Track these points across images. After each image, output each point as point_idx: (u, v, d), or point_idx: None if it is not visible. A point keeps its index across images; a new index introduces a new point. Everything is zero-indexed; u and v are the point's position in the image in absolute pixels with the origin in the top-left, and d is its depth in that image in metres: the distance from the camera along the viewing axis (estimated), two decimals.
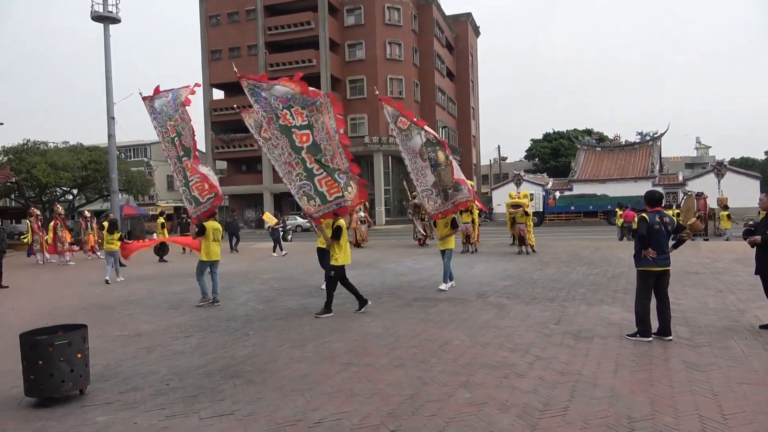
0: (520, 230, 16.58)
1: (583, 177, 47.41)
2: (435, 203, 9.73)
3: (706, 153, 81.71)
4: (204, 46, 49.50)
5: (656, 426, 3.74)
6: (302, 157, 7.96)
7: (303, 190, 8.11)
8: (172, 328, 7.42)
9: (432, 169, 9.55)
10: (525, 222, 16.63)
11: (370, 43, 46.68)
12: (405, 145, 9.65)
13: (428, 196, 9.75)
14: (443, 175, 9.52)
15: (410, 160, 9.69)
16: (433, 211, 9.86)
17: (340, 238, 8.07)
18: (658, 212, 6.00)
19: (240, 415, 4.18)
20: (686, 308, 7.55)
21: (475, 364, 5.28)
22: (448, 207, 9.69)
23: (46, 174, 29.19)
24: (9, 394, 4.84)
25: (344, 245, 8.13)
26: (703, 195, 22.52)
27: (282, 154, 8.05)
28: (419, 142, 9.50)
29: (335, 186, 8.02)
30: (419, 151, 9.54)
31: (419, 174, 9.71)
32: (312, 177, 8.02)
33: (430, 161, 9.54)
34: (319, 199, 8.08)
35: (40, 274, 15.11)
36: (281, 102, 7.82)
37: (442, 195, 9.65)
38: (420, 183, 9.76)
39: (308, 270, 13.52)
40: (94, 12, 25.04)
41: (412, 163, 9.70)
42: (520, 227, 16.59)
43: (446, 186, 9.58)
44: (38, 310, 9.19)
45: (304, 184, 8.07)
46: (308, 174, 8.02)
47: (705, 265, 12.33)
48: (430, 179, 9.62)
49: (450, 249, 9.93)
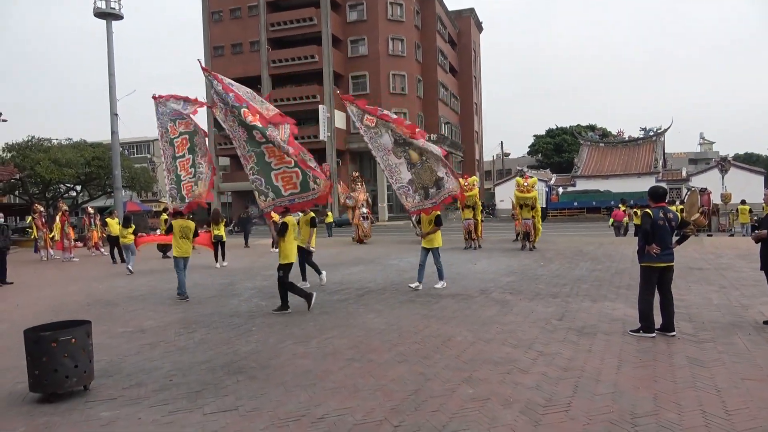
0: (527, 226, 15.80)
1: (586, 173, 47.27)
2: (413, 200, 9.48)
3: (710, 148, 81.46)
4: (206, 43, 49.46)
5: (659, 422, 3.74)
6: (260, 150, 7.93)
7: (255, 184, 8.12)
8: (175, 324, 7.44)
9: (408, 167, 9.33)
10: (531, 216, 15.79)
11: (373, 38, 46.57)
12: (374, 143, 9.38)
13: (405, 194, 9.47)
14: (422, 173, 9.27)
15: (381, 157, 9.43)
16: (411, 208, 9.57)
17: (285, 236, 7.92)
18: (662, 208, 5.98)
19: (243, 410, 4.20)
20: (690, 304, 7.53)
21: (478, 359, 5.28)
22: (427, 205, 9.40)
23: (49, 171, 29.28)
24: (14, 389, 4.87)
25: (290, 243, 7.99)
26: (706, 191, 22.47)
27: (238, 147, 8.12)
28: (389, 141, 9.28)
29: (291, 183, 8.03)
30: (391, 149, 9.30)
31: (393, 171, 9.44)
32: (268, 171, 8.01)
33: (405, 159, 9.35)
34: (273, 194, 8.08)
35: (44, 271, 15.16)
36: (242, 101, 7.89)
37: (422, 193, 9.41)
38: (395, 180, 9.49)
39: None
40: (96, 9, 25.05)
41: (384, 161, 9.43)
42: (527, 223, 15.80)
43: (426, 185, 9.33)
44: (42, 306, 9.22)
45: (256, 178, 8.07)
46: (262, 168, 8.02)
47: (709, 260, 12.29)
48: (406, 176, 9.37)
49: (437, 247, 9.60)
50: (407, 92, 48.05)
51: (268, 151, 7.93)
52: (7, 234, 13.20)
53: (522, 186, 15.88)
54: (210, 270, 13.32)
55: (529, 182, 15.98)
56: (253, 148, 7.98)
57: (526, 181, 16.00)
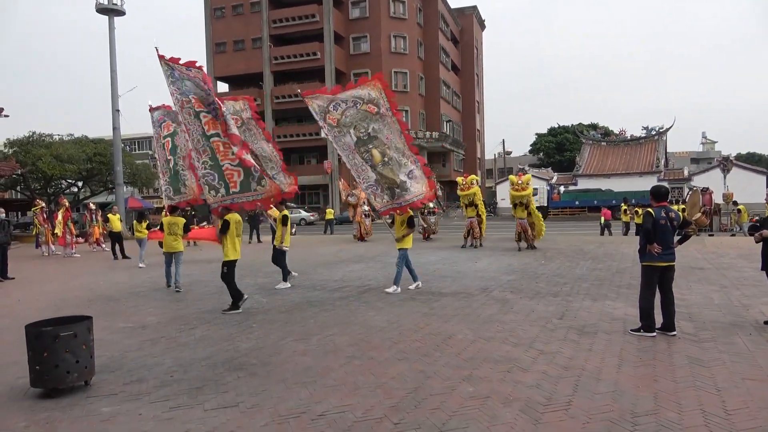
0: (521, 225, 15.63)
1: (587, 172, 47.21)
2: (382, 200, 9.18)
3: (711, 148, 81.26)
4: (208, 39, 49.44)
5: (659, 421, 3.74)
6: (211, 145, 7.81)
7: (206, 179, 7.96)
8: (176, 320, 7.45)
9: (372, 168, 9.03)
10: (524, 217, 15.68)
11: (375, 36, 46.53)
12: (339, 142, 8.99)
13: (374, 193, 9.18)
14: (385, 173, 8.97)
15: (347, 156, 9.07)
16: (382, 208, 9.27)
17: (227, 233, 7.84)
18: (663, 207, 5.97)
19: (244, 407, 4.20)
20: (691, 304, 7.52)
21: (479, 358, 5.29)
22: (395, 205, 9.13)
23: (51, 166, 29.29)
24: (15, 384, 4.88)
25: (232, 240, 7.91)
26: (708, 190, 22.42)
27: (192, 140, 7.94)
28: (351, 140, 8.94)
29: (232, 181, 7.96)
30: (354, 148, 8.97)
31: (360, 171, 9.09)
32: (219, 167, 7.88)
33: (367, 162, 9.00)
34: (224, 190, 7.96)
35: (46, 266, 15.19)
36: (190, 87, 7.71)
37: (389, 192, 9.09)
38: (362, 180, 9.16)
39: (312, 264, 13.56)
40: (98, 4, 25.06)
41: (349, 160, 9.06)
42: (522, 222, 15.65)
43: (392, 184, 9.03)
44: (44, 301, 9.24)
45: (208, 173, 7.92)
46: (216, 163, 7.87)
47: (710, 260, 12.28)
48: (372, 175, 9.06)
49: (405, 249, 9.23)
50: (409, 90, 48.00)
51: (215, 146, 7.81)
52: (8, 229, 13.23)
53: (516, 184, 15.75)
54: (211, 266, 13.32)
55: (523, 179, 15.83)
56: (207, 142, 7.85)
57: (520, 179, 15.89)
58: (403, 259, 9.25)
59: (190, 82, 7.79)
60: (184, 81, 7.75)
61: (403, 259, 9.24)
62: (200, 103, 7.79)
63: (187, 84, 7.77)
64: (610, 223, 21.60)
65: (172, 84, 7.80)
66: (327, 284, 10.20)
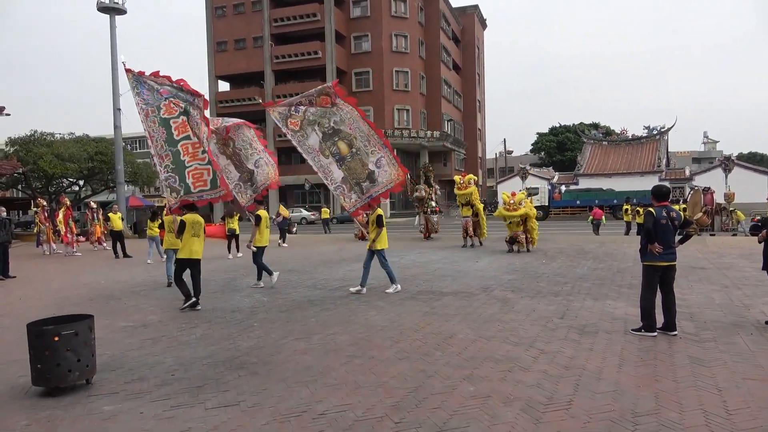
0: (466, 223, 16.63)
1: (589, 171, 47.23)
2: (350, 200, 9.17)
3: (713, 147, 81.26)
4: (210, 38, 49.44)
5: (660, 421, 3.74)
6: (176, 149, 8.36)
7: (168, 182, 8.45)
8: (177, 318, 7.46)
9: (338, 164, 9.05)
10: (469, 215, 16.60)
11: (376, 35, 46.51)
12: (303, 146, 9.20)
13: (342, 194, 9.23)
14: (352, 166, 8.98)
15: (312, 159, 9.23)
16: (351, 208, 9.26)
17: (183, 233, 7.99)
18: (664, 207, 5.96)
19: (245, 405, 4.21)
20: (692, 303, 7.52)
21: (479, 357, 5.29)
22: (365, 202, 9.11)
23: (52, 165, 29.32)
24: (17, 383, 4.89)
25: (186, 239, 8.02)
26: (710, 190, 22.39)
27: (154, 147, 8.50)
28: (317, 139, 9.07)
29: (202, 180, 8.38)
30: (319, 148, 9.11)
31: (325, 172, 9.20)
32: (182, 169, 8.39)
33: (333, 156, 9.05)
34: (183, 191, 8.41)
35: (47, 265, 15.21)
36: (164, 93, 8.28)
37: (357, 190, 9.08)
38: (329, 181, 9.22)
39: (313, 262, 13.56)
40: (100, 3, 25.05)
41: (315, 163, 9.22)
42: (466, 221, 16.65)
43: (359, 179, 9.00)
44: (45, 300, 9.26)
45: (170, 176, 8.42)
46: (177, 166, 8.42)
47: (711, 260, 12.27)
48: (338, 175, 9.09)
49: (380, 249, 8.96)
50: (410, 89, 48.00)
51: (183, 149, 8.38)
52: (9, 228, 13.25)
53: (459, 183, 16.80)
54: (213, 264, 13.33)
55: (465, 179, 16.80)
56: (170, 147, 8.44)
57: (462, 179, 16.88)
58: (385, 260, 9.07)
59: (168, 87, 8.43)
60: (154, 92, 8.43)
61: (385, 259, 9.05)
62: (173, 109, 8.40)
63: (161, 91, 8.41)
64: (599, 222, 21.72)
65: (137, 95, 8.51)
66: (328, 283, 10.20)
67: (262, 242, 9.87)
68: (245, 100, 46.96)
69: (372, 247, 8.99)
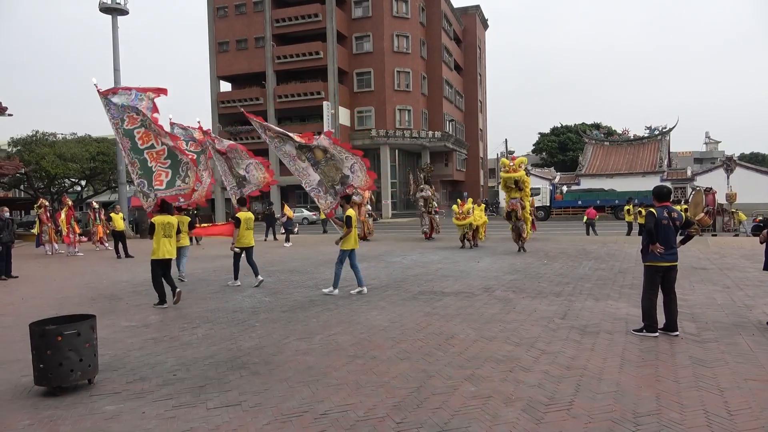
0: (513, 205, 14.97)
1: (590, 171, 47.17)
2: (326, 201, 9.76)
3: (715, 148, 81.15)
4: (211, 38, 49.48)
5: (662, 421, 3.74)
6: (143, 157, 9.13)
7: (140, 187, 9.18)
8: (179, 319, 7.47)
9: (314, 168, 9.66)
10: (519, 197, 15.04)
11: (378, 35, 46.51)
12: (280, 151, 9.84)
13: (317, 196, 9.82)
14: (327, 170, 9.54)
15: (289, 163, 9.83)
16: (326, 209, 9.83)
17: (153, 234, 8.11)
18: (666, 207, 5.96)
19: (246, 405, 4.22)
20: (693, 304, 7.51)
21: (481, 357, 5.29)
22: (337, 202, 9.64)
23: (54, 165, 29.37)
24: (19, 382, 4.90)
25: (157, 241, 8.10)
26: (711, 190, 22.36)
27: (126, 156, 9.25)
28: (292, 147, 9.71)
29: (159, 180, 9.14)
30: (296, 154, 9.70)
31: (302, 175, 9.81)
32: (150, 174, 9.15)
33: (309, 161, 9.68)
34: (153, 196, 9.12)
35: (49, 265, 15.24)
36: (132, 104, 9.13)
37: (332, 192, 9.67)
38: (306, 183, 9.86)
39: (314, 262, 13.57)
40: (102, 3, 25.10)
41: (292, 166, 9.83)
42: (513, 202, 15.01)
43: (334, 182, 9.58)
44: (47, 300, 9.28)
45: (141, 182, 9.17)
46: (145, 172, 9.16)
47: (713, 260, 12.25)
48: (314, 178, 9.70)
49: (344, 250, 8.83)
50: (412, 89, 48.00)
51: (149, 156, 9.14)
52: (12, 228, 13.27)
53: (507, 166, 15.20)
54: (214, 264, 13.35)
55: (515, 161, 15.32)
56: (137, 155, 9.14)
57: (512, 161, 15.40)
58: (341, 262, 8.94)
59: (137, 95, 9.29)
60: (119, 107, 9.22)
61: (341, 262, 8.93)
62: (135, 120, 9.19)
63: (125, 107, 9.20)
64: (593, 222, 21.77)
65: (108, 112, 9.30)
66: (329, 283, 10.19)
67: (243, 243, 10.00)
68: (247, 100, 46.99)
69: (340, 246, 8.90)
